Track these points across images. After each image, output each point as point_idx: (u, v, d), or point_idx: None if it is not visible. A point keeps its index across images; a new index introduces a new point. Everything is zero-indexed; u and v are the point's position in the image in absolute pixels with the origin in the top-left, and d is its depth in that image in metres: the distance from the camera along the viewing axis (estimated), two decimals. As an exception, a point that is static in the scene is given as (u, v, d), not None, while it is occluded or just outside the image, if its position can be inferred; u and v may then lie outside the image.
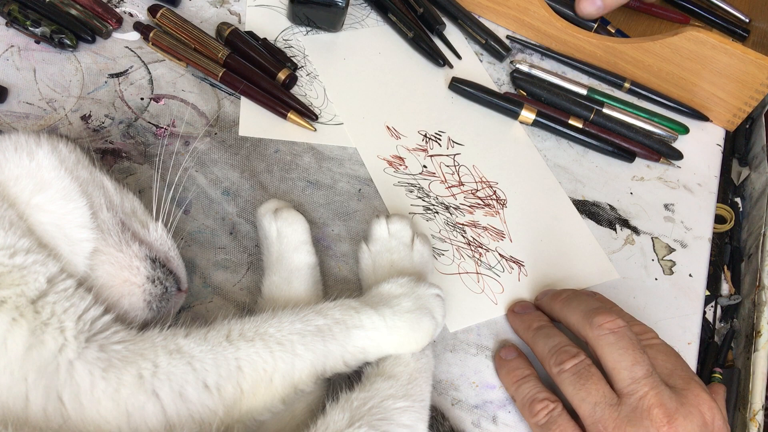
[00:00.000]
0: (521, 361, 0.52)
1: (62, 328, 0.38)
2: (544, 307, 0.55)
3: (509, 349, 0.53)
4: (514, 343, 0.54)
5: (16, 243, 0.39)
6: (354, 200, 0.61)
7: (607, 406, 0.44)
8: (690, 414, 0.43)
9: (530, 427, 0.49)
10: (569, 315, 0.50)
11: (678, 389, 0.45)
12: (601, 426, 0.44)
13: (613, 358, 0.45)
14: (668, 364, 0.47)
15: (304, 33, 0.72)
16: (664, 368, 0.47)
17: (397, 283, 0.49)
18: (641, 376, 0.44)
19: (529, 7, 0.75)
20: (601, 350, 0.46)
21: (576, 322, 0.49)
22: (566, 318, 0.51)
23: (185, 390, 0.39)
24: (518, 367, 0.51)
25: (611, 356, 0.46)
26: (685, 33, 0.69)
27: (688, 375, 0.47)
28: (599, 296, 0.55)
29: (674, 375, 0.46)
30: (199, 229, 0.56)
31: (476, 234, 0.61)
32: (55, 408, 0.36)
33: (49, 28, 0.63)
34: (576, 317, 0.49)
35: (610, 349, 0.46)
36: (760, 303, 0.62)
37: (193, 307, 0.52)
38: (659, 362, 0.48)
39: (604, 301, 0.54)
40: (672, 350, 0.49)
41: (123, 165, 0.58)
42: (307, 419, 0.43)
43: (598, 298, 0.54)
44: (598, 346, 0.47)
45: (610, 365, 0.46)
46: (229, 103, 0.64)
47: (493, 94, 0.70)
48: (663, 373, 0.46)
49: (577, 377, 0.46)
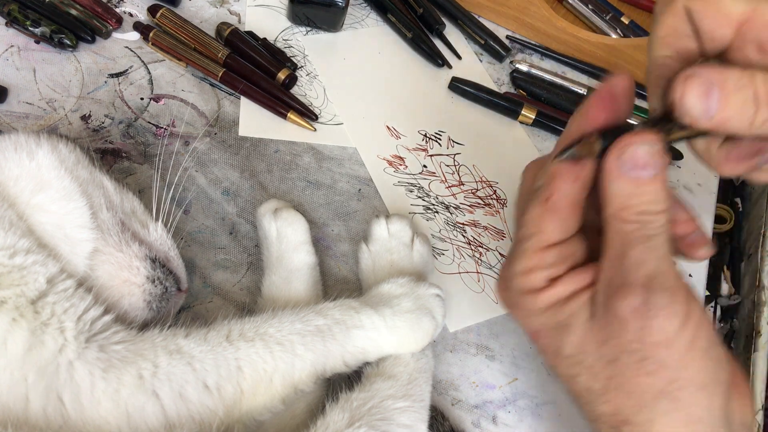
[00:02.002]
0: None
1: (62, 329, 0.38)
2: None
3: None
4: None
5: (16, 243, 0.39)
6: (354, 200, 0.61)
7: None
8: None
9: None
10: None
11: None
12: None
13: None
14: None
15: (304, 33, 0.72)
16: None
17: (397, 283, 0.49)
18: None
19: (529, 7, 0.75)
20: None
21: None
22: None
23: (185, 390, 0.39)
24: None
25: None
26: (685, 33, 0.69)
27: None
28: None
29: None
30: (199, 229, 0.56)
31: (476, 233, 0.61)
32: (55, 408, 0.36)
33: (49, 28, 0.63)
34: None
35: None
36: (760, 303, 0.63)
37: (193, 307, 0.52)
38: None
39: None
40: None
41: (123, 165, 0.58)
42: (307, 419, 0.43)
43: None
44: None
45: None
46: (229, 103, 0.64)
47: (493, 94, 0.70)
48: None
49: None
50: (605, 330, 0.35)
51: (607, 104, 0.35)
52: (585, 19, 0.81)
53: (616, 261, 0.35)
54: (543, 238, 0.37)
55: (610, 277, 0.35)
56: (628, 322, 0.34)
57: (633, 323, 0.34)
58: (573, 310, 0.37)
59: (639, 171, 0.34)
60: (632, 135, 0.34)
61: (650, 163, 0.34)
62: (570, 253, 0.38)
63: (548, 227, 0.37)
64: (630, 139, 0.34)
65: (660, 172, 0.34)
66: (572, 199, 0.36)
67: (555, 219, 0.36)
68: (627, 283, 0.34)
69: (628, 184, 0.34)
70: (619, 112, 0.36)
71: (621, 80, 0.36)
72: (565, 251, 0.37)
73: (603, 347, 0.36)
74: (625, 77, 0.36)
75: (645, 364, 0.34)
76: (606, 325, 0.35)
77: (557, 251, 0.37)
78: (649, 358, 0.34)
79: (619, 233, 0.35)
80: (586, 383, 0.37)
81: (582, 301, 0.37)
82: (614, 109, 0.36)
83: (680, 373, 0.34)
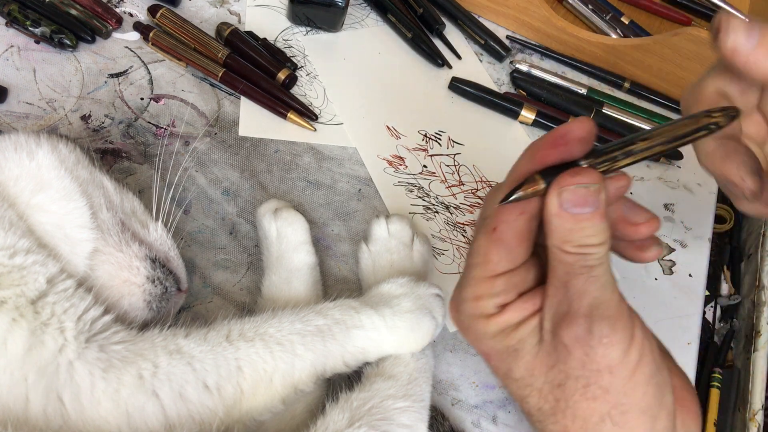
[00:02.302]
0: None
1: (62, 329, 0.38)
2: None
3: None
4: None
5: (16, 243, 0.39)
6: (354, 200, 0.61)
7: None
8: None
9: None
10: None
11: None
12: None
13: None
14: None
15: (303, 33, 0.72)
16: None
17: (396, 283, 0.49)
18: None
19: (529, 7, 0.75)
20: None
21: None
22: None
23: (185, 390, 0.39)
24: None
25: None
26: (685, 33, 0.69)
27: None
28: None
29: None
30: (199, 229, 0.56)
31: (476, 234, 0.61)
32: (55, 408, 0.36)
33: (49, 28, 0.63)
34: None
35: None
36: (760, 303, 0.63)
37: (193, 307, 0.52)
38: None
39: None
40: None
41: (123, 165, 0.58)
42: (307, 419, 0.43)
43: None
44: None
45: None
46: (229, 103, 0.64)
47: (493, 94, 0.70)
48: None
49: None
50: (552, 356, 0.37)
51: (560, 147, 0.36)
52: (585, 19, 0.81)
53: (561, 289, 0.36)
54: (489, 267, 0.37)
55: (555, 305, 0.36)
56: (572, 349, 0.35)
57: (577, 351, 0.35)
58: (522, 335, 0.38)
59: (578, 209, 0.34)
60: (572, 174, 0.34)
61: (589, 201, 0.34)
62: (519, 281, 0.38)
63: (494, 258, 0.37)
64: (569, 179, 0.34)
65: (599, 208, 0.35)
66: (518, 231, 0.37)
67: (501, 250, 0.37)
68: (571, 312, 0.35)
69: (568, 220, 0.35)
70: (570, 155, 0.36)
71: (578, 126, 0.35)
72: (514, 279, 0.38)
73: (550, 372, 0.37)
74: (585, 123, 0.35)
75: (590, 389, 0.36)
76: (553, 351, 0.37)
77: (505, 279, 0.38)
78: (593, 384, 0.36)
79: (562, 263, 0.36)
80: (536, 404, 0.38)
81: (531, 327, 0.38)
82: (564, 152, 0.36)
83: (624, 398, 0.36)
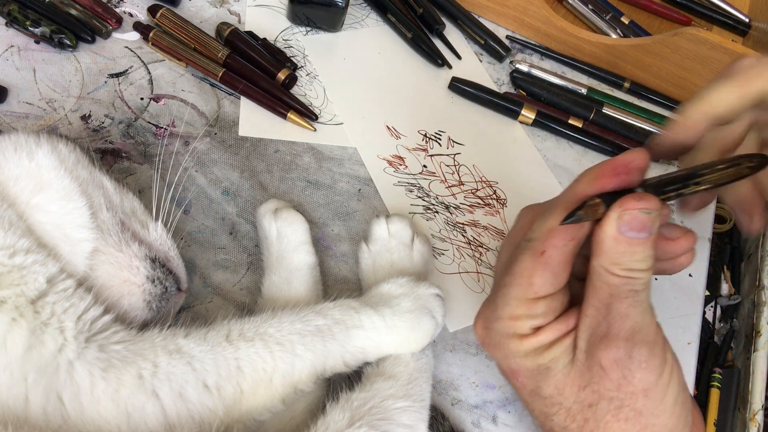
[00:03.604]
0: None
1: (62, 329, 0.38)
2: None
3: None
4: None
5: (16, 243, 0.39)
6: (354, 200, 0.61)
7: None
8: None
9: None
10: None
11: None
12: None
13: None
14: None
15: (303, 33, 0.72)
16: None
17: (396, 283, 0.49)
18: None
19: (529, 7, 0.75)
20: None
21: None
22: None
23: (185, 390, 0.39)
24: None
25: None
26: (685, 33, 0.69)
27: None
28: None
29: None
30: (199, 229, 0.56)
31: (476, 233, 0.61)
32: (55, 408, 0.36)
33: (49, 28, 0.63)
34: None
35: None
36: (760, 303, 0.63)
37: (193, 307, 0.52)
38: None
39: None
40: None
41: (123, 165, 0.58)
42: (307, 419, 0.43)
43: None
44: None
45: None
46: (229, 103, 0.64)
47: (493, 94, 0.70)
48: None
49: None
50: (585, 376, 0.37)
51: (621, 175, 0.37)
52: (585, 19, 0.81)
53: (601, 310, 0.37)
54: (532, 290, 0.38)
55: (594, 325, 0.37)
56: (609, 371, 0.36)
57: (614, 373, 0.36)
58: (555, 355, 0.38)
59: (636, 233, 0.35)
60: (636, 198, 0.36)
61: (646, 227, 0.35)
62: (558, 305, 0.39)
63: (538, 281, 0.38)
64: (634, 203, 0.35)
65: (652, 234, 0.36)
66: (566, 256, 0.37)
67: (547, 273, 0.37)
68: (611, 334, 0.36)
69: (623, 243, 0.36)
70: (628, 183, 0.37)
71: (639, 156, 0.37)
72: (553, 303, 0.38)
73: (582, 392, 0.37)
74: (644, 154, 0.37)
75: (622, 411, 0.37)
76: (586, 371, 0.37)
77: (546, 303, 0.38)
78: (627, 406, 0.36)
79: (608, 285, 0.36)
80: (562, 422, 0.39)
81: (564, 347, 0.38)
82: (626, 181, 0.37)
83: (654, 420, 0.37)
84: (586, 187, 0.37)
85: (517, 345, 0.39)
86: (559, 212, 0.37)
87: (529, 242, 0.38)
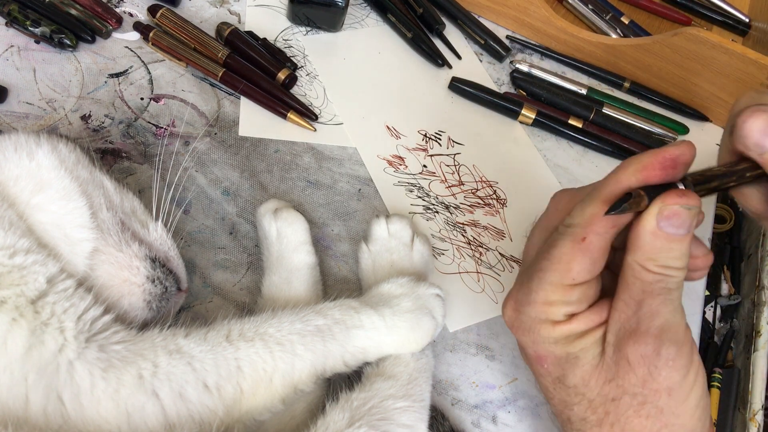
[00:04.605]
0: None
1: (62, 329, 0.38)
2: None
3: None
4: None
5: (16, 243, 0.39)
6: (354, 200, 0.61)
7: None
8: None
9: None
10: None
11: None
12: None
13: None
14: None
15: (303, 33, 0.72)
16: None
17: (396, 283, 0.49)
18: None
19: (529, 7, 0.75)
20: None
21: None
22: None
23: (185, 390, 0.39)
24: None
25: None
26: (685, 33, 0.69)
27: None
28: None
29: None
30: (199, 229, 0.56)
31: (476, 233, 0.61)
32: (55, 408, 0.36)
33: (49, 28, 0.63)
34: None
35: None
36: (760, 303, 0.63)
37: (193, 307, 0.52)
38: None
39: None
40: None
41: (123, 165, 0.58)
42: (307, 419, 0.43)
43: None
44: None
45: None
46: (229, 103, 0.64)
47: (493, 94, 0.70)
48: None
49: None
50: (612, 369, 0.37)
51: (668, 169, 0.36)
52: (585, 19, 0.81)
53: (633, 306, 0.37)
54: (569, 276, 0.38)
55: (624, 320, 0.37)
56: (636, 367, 0.36)
57: (640, 369, 0.36)
58: (585, 345, 0.38)
59: (675, 228, 0.35)
60: (679, 194, 0.36)
61: (686, 223, 0.35)
62: (592, 293, 0.39)
63: (577, 267, 0.37)
64: (676, 198, 0.35)
65: (690, 231, 0.36)
66: (605, 243, 0.37)
67: (586, 260, 0.37)
68: (640, 330, 0.36)
69: (661, 238, 0.35)
70: (673, 177, 0.37)
71: (687, 151, 0.37)
72: (588, 291, 0.39)
73: (607, 385, 0.38)
74: (692, 148, 0.37)
75: (645, 407, 0.37)
76: (613, 365, 0.37)
77: (581, 290, 0.38)
78: (649, 403, 0.37)
79: (641, 280, 0.36)
80: (581, 413, 0.39)
81: (595, 338, 0.38)
82: (672, 175, 0.37)
83: (675, 419, 0.37)
84: (631, 177, 0.37)
85: (549, 331, 0.39)
86: (600, 199, 0.37)
87: (569, 228, 0.38)
